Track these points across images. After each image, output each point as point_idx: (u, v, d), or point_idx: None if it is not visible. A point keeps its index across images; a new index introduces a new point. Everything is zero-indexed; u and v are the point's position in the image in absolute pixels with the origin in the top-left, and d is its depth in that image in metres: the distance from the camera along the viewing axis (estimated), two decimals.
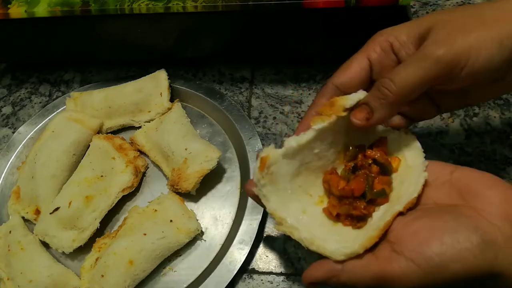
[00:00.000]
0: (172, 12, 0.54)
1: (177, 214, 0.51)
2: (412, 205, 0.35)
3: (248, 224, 0.50)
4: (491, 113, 0.56)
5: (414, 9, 0.67)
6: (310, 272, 0.36)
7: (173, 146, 0.54)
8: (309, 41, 0.58)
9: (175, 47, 0.62)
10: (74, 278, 0.50)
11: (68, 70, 0.70)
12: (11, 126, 0.66)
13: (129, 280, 0.47)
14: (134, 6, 0.54)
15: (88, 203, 0.52)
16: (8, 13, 0.57)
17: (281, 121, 0.60)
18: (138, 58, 0.68)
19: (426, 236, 0.31)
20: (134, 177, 0.55)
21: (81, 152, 0.58)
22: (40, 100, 0.68)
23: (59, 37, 0.62)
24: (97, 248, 0.51)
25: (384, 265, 0.32)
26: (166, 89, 0.60)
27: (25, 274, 0.49)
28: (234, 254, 0.48)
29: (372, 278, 0.32)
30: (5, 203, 0.57)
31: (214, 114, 0.61)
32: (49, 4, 0.56)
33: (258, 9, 0.52)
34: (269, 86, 0.63)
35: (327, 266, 0.35)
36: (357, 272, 0.33)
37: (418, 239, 0.32)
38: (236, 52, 0.64)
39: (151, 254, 0.48)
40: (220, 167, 0.56)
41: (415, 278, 0.31)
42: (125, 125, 0.62)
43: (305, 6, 0.51)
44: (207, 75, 0.66)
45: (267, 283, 0.49)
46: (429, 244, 0.31)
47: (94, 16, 0.56)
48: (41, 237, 0.52)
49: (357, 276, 0.33)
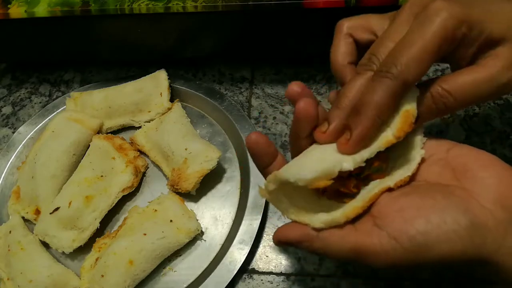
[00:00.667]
0: (172, 12, 0.54)
1: (177, 214, 0.51)
2: (404, 183, 0.33)
3: (248, 224, 0.50)
4: (491, 113, 0.56)
5: None
6: (283, 230, 0.33)
7: (173, 146, 0.54)
8: (309, 41, 0.58)
9: (175, 47, 0.62)
10: (74, 278, 0.50)
11: (68, 70, 0.70)
12: (11, 126, 0.66)
13: (129, 280, 0.47)
14: (134, 6, 0.54)
15: (88, 203, 0.52)
16: (8, 13, 0.57)
17: (281, 121, 0.60)
18: (138, 58, 0.68)
19: (411, 214, 0.30)
20: (134, 177, 0.55)
21: (81, 152, 0.58)
22: (40, 100, 0.68)
23: (59, 37, 0.62)
24: (97, 248, 0.51)
25: (363, 238, 0.30)
26: (166, 89, 0.60)
27: (25, 274, 0.49)
28: (234, 254, 0.48)
29: (348, 249, 0.31)
30: (5, 203, 0.57)
31: (214, 114, 0.61)
32: (49, 4, 0.56)
33: (258, 9, 0.52)
34: (269, 86, 0.64)
35: (303, 229, 0.32)
36: (333, 240, 0.31)
37: (403, 216, 0.30)
38: (236, 52, 0.64)
39: (151, 254, 0.48)
40: (220, 167, 0.56)
41: (394, 256, 0.29)
42: (125, 125, 0.62)
43: (305, 6, 0.51)
44: (207, 75, 0.66)
45: (267, 283, 0.49)
46: (414, 222, 0.29)
47: (94, 16, 0.56)
48: (41, 237, 0.52)
49: (332, 245, 0.31)
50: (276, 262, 0.50)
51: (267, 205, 0.53)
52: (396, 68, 0.30)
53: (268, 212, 0.53)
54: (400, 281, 0.47)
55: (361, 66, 0.34)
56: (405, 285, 0.47)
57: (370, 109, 0.31)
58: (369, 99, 0.31)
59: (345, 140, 0.32)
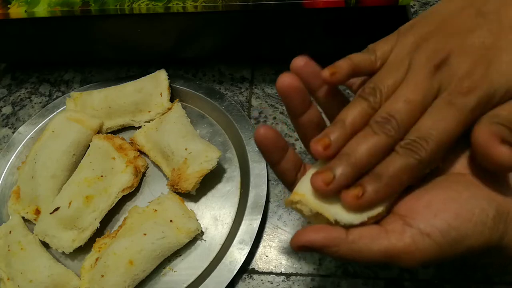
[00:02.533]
0: (172, 12, 0.54)
1: (177, 214, 0.51)
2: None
3: (248, 224, 0.50)
4: None
5: (414, 9, 0.67)
6: (305, 234, 0.30)
7: (173, 146, 0.54)
8: (309, 41, 0.58)
9: (175, 47, 0.62)
10: (74, 278, 0.50)
11: (68, 70, 0.70)
12: (11, 126, 0.66)
13: (129, 280, 0.47)
14: (134, 6, 0.54)
15: (88, 203, 0.52)
16: (8, 13, 0.57)
17: (281, 121, 0.60)
18: (138, 58, 0.68)
19: (440, 208, 0.29)
20: (134, 177, 0.55)
21: (81, 152, 0.58)
22: (40, 100, 0.68)
23: (59, 37, 0.62)
24: (97, 248, 0.51)
25: (396, 239, 0.29)
26: (166, 89, 0.60)
27: (25, 274, 0.49)
28: (234, 254, 0.48)
29: (380, 252, 0.29)
30: (5, 203, 0.57)
31: (214, 114, 0.61)
32: (49, 4, 0.56)
33: (258, 9, 0.52)
34: (269, 86, 0.64)
35: (330, 231, 0.29)
36: (363, 243, 0.29)
37: (432, 211, 0.29)
38: (236, 52, 0.64)
39: (151, 254, 0.48)
40: (220, 167, 0.56)
41: (429, 253, 0.28)
42: (125, 125, 0.62)
43: (305, 6, 0.51)
44: (207, 75, 0.66)
45: (267, 283, 0.49)
46: (444, 216, 0.28)
47: (94, 16, 0.56)
48: (41, 237, 0.52)
49: (362, 249, 0.29)
50: (276, 262, 0.50)
51: (267, 205, 0.53)
52: (426, 151, 0.29)
53: (268, 212, 0.53)
54: (400, 281, 0.47)
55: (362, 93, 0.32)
56: (405, 285, 0.47)
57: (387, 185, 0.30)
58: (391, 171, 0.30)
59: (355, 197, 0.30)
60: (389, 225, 0.30)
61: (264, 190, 0.51)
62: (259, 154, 0.54)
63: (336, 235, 0.29)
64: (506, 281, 0.46)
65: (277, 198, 0.54)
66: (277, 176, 0.35)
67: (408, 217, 0.29)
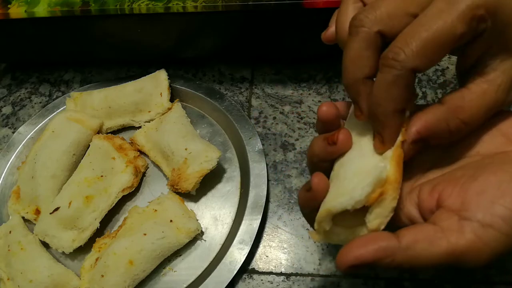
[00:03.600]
0: (172, 12, 0.54)
1: (177, 214, 0.51)
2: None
3: (248, 224, 0.50)
4: None
5: None
6: (351, 251, 0.26)
7: (173, 146, 0.54)
8: (309, 41, 0.58)
9: (175, 47, 0.62)
10: (74, 278, 0.50)
11: (68, 70, 0.70)
12: (11, 126, 0.66)
13: (129, 280, 0.47)
14: (134, 6, 0.54)
15: (88, 203, 0.52)
16: (8, 13, 0.57)
17: (281, 121, 0.60)
18: (138, 58, 0.68)
19: (495, 194, 0.26)
20: (134, 177, 0.55)
21: (81, 152, 0.58)
22: (40, 100, 0.68)
23: (59, 37, 0.62)
24: (97, 248, 0.51)
25: (456, 237, 0.26)
26: (166, 89, 0.60)
27: (25, 274, 0.49)
28: (234, 254, 0.48)
29: (441, 255, 0.26)
30: (5, 203, 0.57)
31: (214, 114, 0.61)
32: (49, 4, 0.56)
33: (258, 9, 0.52)
34: (269, 86, 0.64)
35: (378, 240, 0.26)
36: (421, 248, 0.26)
37: (488, 198, 0.26)
38: (236, 52, 0.64)
39: (151, 254, 0.48)
40: (220, 167, 0.56)
41: (497, 245, 0.25)
42: (125, 125, 0.62)
43: (305, 6, 0.51)
44: (207, 75, 0.66)
45: (267, 283, 0.49)
46: (503, 202, 0.25)
47: (94, 16, 0.56)
48: (41, 237, 0.52)
49: (420, 254, 0.26)
50: (276, 262, 0.50)
51: (267, 205, 0.53)
52: (405, 53, 0.26)
53: (268, 212, 0.53)
54: (400, 281, 0.47)
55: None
56: (405, 285, 0.47)
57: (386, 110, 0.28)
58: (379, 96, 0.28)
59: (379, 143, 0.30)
60: (443, 222, 0.27)
61: (264, 190, 0.52)
62: (259, 154, 0.54)
63: (387, 243, 0.26)
64: (506, 281, 0.46)
65: (277, 198, 0.54)
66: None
67: (462, 210, 0.26)
